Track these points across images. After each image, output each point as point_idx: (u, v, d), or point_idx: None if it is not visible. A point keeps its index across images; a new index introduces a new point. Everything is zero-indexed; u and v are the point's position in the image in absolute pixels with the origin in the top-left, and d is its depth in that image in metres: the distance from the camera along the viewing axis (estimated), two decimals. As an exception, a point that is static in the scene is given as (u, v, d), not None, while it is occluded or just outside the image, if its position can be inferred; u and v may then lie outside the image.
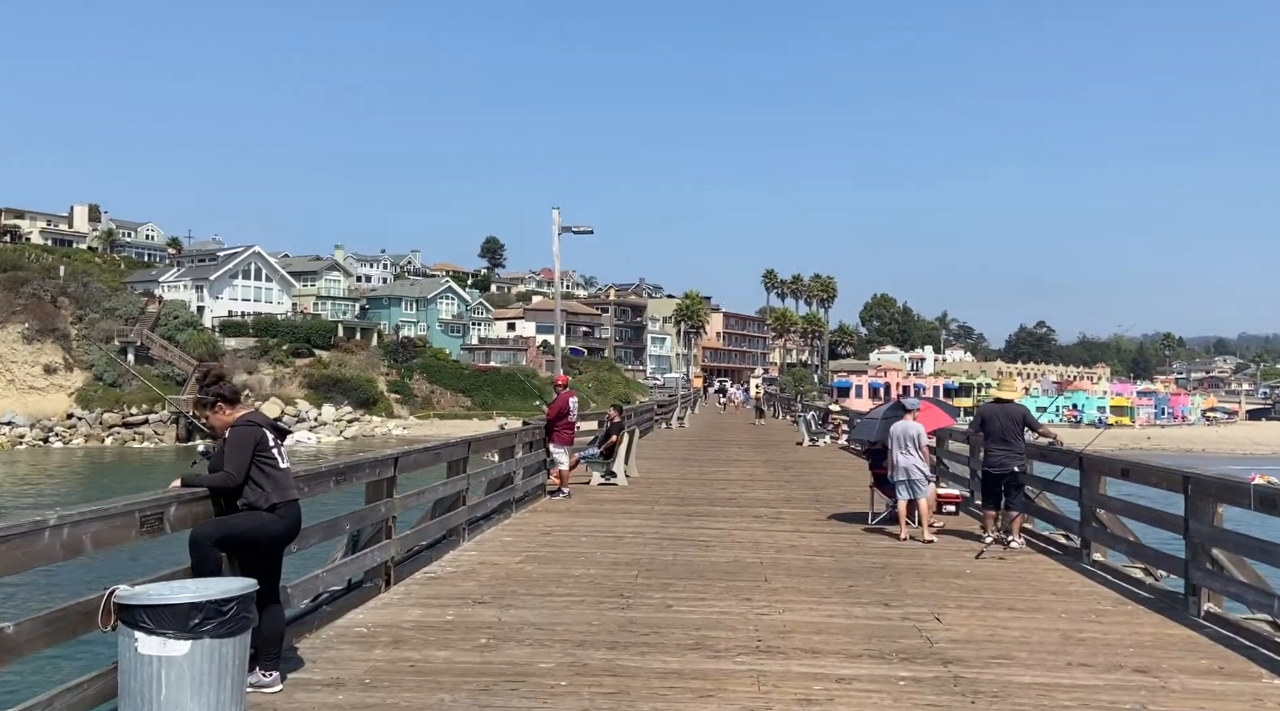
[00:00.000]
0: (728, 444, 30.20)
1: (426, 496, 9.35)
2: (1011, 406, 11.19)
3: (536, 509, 13.49)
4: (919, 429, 11.61)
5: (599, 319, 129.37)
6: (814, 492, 16.26)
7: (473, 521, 11.08)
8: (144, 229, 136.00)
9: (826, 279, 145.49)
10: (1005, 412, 11.12)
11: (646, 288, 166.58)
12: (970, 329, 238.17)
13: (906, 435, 11.54)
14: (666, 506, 14.10)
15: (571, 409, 14.88)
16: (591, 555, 9.83)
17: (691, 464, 22.05)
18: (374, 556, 7.69)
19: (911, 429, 11.59)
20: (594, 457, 17.08)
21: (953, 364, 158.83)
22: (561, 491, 14.87)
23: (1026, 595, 8.35)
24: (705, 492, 16.02)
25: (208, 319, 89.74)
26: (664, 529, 11.79)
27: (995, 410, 11.24)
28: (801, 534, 11.56)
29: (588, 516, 12.87)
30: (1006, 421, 11.06)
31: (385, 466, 7.88)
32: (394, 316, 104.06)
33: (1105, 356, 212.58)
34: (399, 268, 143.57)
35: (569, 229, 20.01)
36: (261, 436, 5.27)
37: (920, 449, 11.53)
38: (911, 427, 11.60)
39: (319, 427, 78.77)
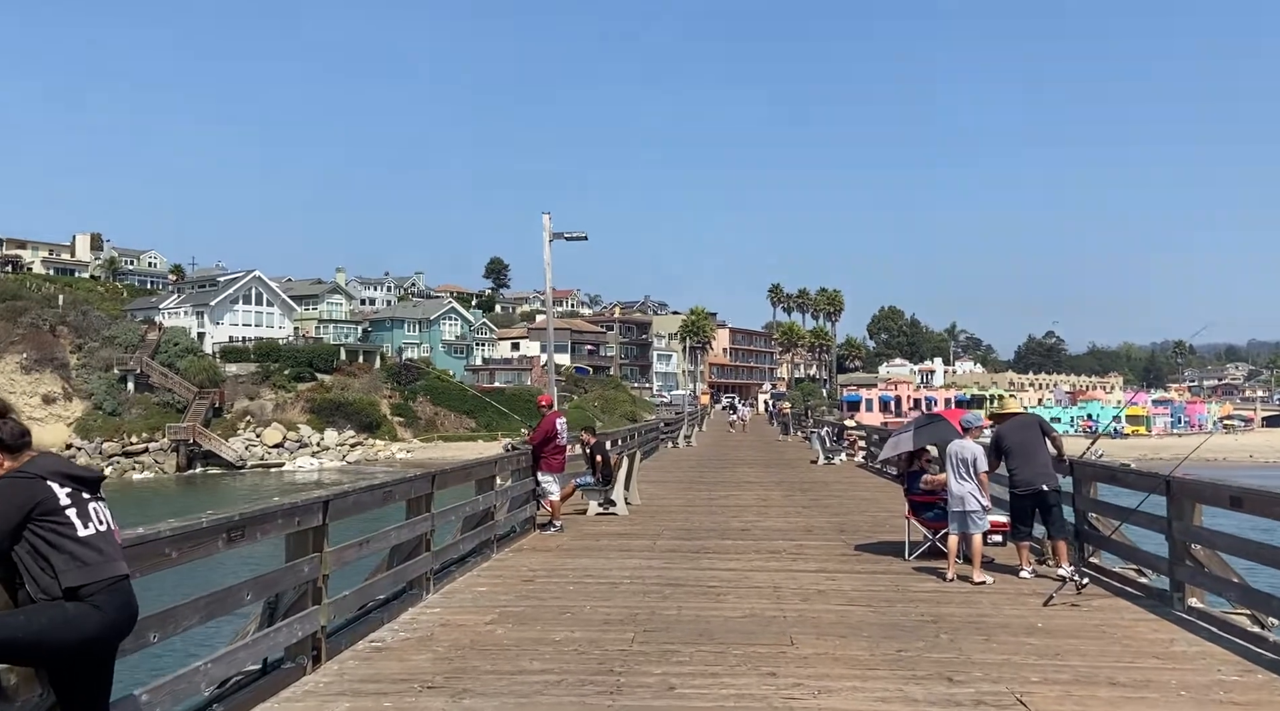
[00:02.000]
0: (738, 464, 28.48)
1: (376, 545, 7.67)
2: (1023, 417, 9.87)
3: (522, 547, 11.81)
4: (977, 450, 9.89)
5: (604, 337, 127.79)
6: (838, 520, 14.54)
7: (442, 569, 9.42)
8: (146, 257, 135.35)
9: (833, 292, 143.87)
10: (1021, 425, 9.80)
11: (652, 305, 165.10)
12: (978, 340, 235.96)
13: (962, 457, 9.83)
14: (671, 540, 12.42)
15: (560, 431, 13.21)
16: (579, 610, 8.15)
17: (699, 487, 20.35)
18: (294, 629, 6.03)
19: (969, 450, 9.87)
20: (590, 484, 15.40)
21: (963, 375, 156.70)
22: (553, 524, 13.20)
23: (1125, 659, 6.63)
24: (715, 522, 14.32)
25: (208, 345, 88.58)
26: (667, 570, 10.10)
27: (1008, 427, 9.93)
28: (830, 575, 9.86)
29: (580, 555, 11.19)
30: (1023, 434, 9.65)
31: (309, 513, 6.23)
32: (397, 339, 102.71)
33: (1116, 365, 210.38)
34: (403, 290, 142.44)
35: (561, 235, 18.45)
36: (44, 495, 3.59)
37: (978, 474, 9.83)
38: (969, 448, 9.88)
39: (321, 453, 77.39)
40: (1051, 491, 9.48)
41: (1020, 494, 9.70)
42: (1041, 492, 9.47)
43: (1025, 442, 9.60)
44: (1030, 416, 9.88)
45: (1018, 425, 9.77)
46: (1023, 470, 9.62)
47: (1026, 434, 9.64)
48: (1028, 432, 9.65)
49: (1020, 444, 9.64)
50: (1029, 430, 9.67)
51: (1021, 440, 9.64)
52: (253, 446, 76.17)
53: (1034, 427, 9.67)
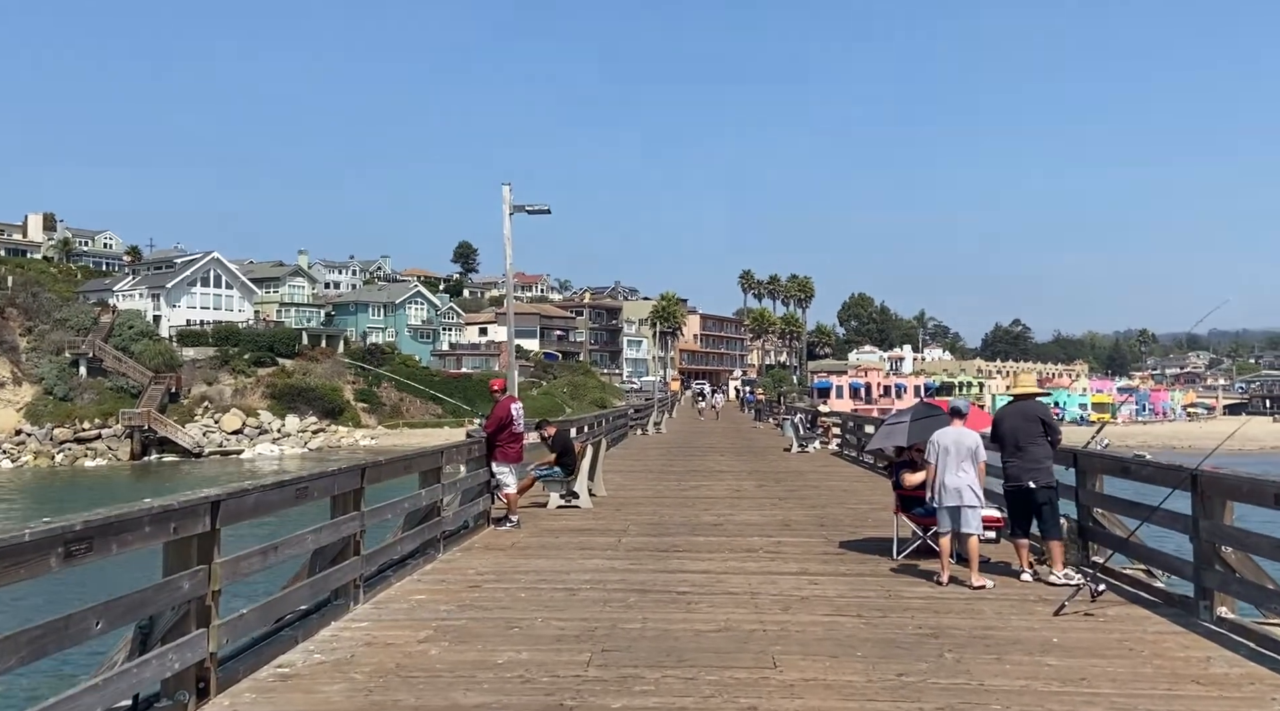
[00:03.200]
0: (709, 451, 27.51)
1: (289, 551, 6.53)
2: (1028, 405, 8.92)
3: (473, 546, 10.71)
4: (976, 440, 8.94)
5: (573, 322, 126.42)
6: (816, 513, 13.58)
7: (378, 573, 8.32)
8: (102, 237, 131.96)
9: (804, 279, 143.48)
10: (1020, 412, 8.87)
11: (622, 290, 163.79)
12: (946, 328, 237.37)
13: (961, 446, 8.86)
14: (638, 537, 11.38)
15: (515, 417, 12.09)
16: (529, 624, 7.08)
17: (669, 477, 19.33)
18: (169, 659, 4.90)
19: (967, 439, 8.90)
20: (552, 475, 14.31)
21: (932, 363, 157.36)
22: (509, 519, 12.11)
23: (1161, 685, 5.69)
24: (685, 516, 13.31)
25: (165, 328, 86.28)
26: (632, 573, 9.06)
27: (1007, 411, 9.04)
28: (812, 578, 8.86)
29: (536, 555, 10.11)
30: (1020, 422, 8.77)
31: (190, 518, 5.10)
32: (361, 323, 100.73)
33: (1081, 353, 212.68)
34: (368, 274, 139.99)
35: (522, 208, 17.28)
36: None
37: (976, 465, 8.90)
38: (967, 437, 8.92)
39: (282, 439, 75.67)
40: (1041, 488, 8.58)
41: (1009, 490, 8.86)
42: (1028, 490, 8.58)
43: (1018, 432, 8.71)
44: (1035, 405, 8.92)
45: (1017, 413, 8.85)
46: (1011, 462, 8.77)
47: (1022, 424, 8.73)
48: (1025, 423, 8.73)
49: (1012, 433, 8.75)
50: (1028, 421, 8.73)
51: (1014, 429, 8.75)
52: (211, 433, 74.20)
53: (1034, 420, 8.72)
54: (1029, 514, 8.67)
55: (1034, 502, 8.58)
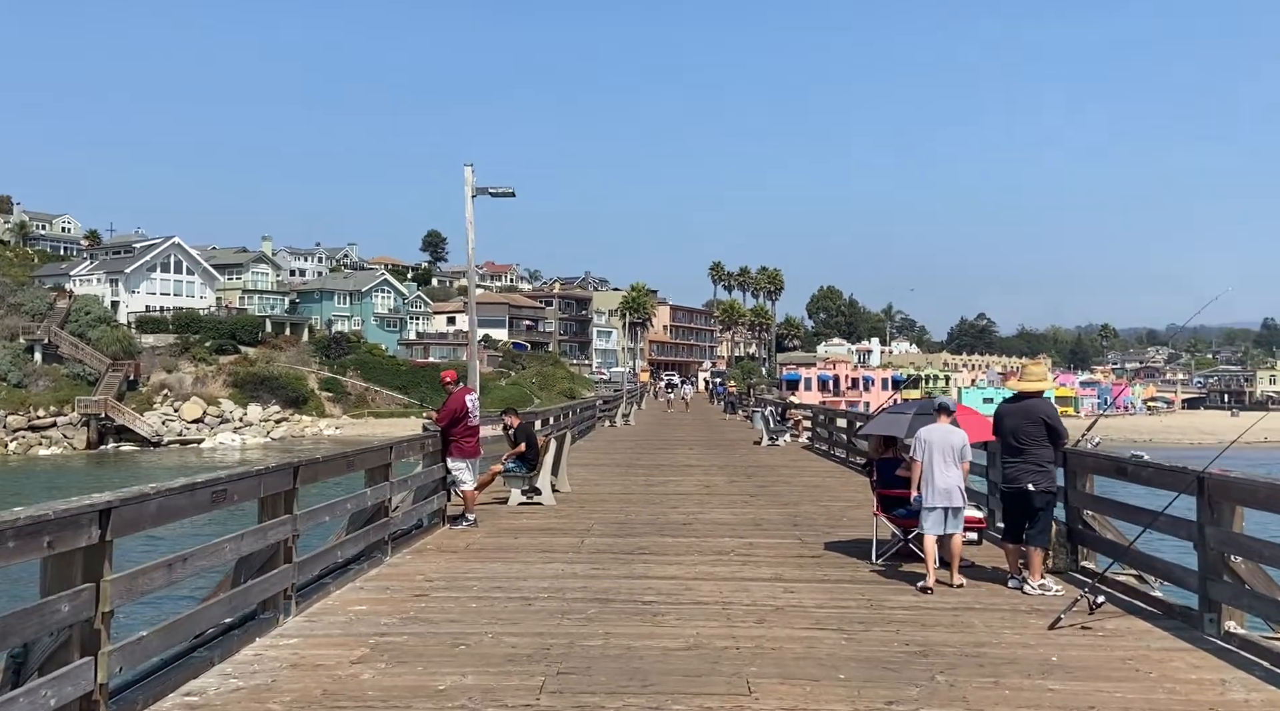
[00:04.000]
0: (678, 445, 26.91)
1: (201, 562, 5.76)
2: (1031, 403, 8.24)
3: (425, 547, 9.98)
4: (962, 438, 8.41)
5: (543, 312, 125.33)
6: (789, 511, 12.99)
7: (315, 580, 7.60)
8: (60, 221, 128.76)
9: (773, 271, 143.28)
10: (1023, 411, 8.22)
11: (593, 281, 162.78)
12: (913, 321, 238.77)
13: (948, 445, 8.34)
14: (602, 537, 10.72)
15: (470, 409, 11.35)
16: (478, 639, 6.40)
17: (637, 471, 18.69)
18: (43, 695, 4.16)
19: (955, 437, 8.40)
20: (514, 470, 13.61)
21: (899, 356, 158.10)
22: (465, 518, 11.39)
23: (1178, 714, 5.14)
24: (653, 513, 12.67)
25: (123, 314, 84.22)
26: (595, 579, 8.40)
27: (1008, 409, 8.39)
28: (787, 585, 8.25)
29: (492, 558, 9.41)
30: (1021, 422, 8.14)
31: (73, 530, 4.35)
32: (326, 311, 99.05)
33: (1044, 347, 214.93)
34: (335, 261, 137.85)
35: (485, 190, 16.49)
36: None
37: (961, 465, 8.37)
38: (955, 435, 8.41)
39: (244, 429, 74.13)
40: (1040, 492, 8.02)
41: (1005, 492, 8.29)
42: (1026, 493, 8.02)
43: (1019, 432, 8.11)
44: (1040, 404, 8.25)
45: (1019, 412, 8.22)
46: (1011, 464, 8.18)
47: (1024, 424, 8.11)
48: (1027, 423, 8.10)
49: (1013, 433, 8.15)
50: (1031, 423, 8.09)
51: (1015, 429, 8.15)
52: (170, 421, 72.53)
53: (1037, 421, 8.08)
54: (1023, 518, 8.12)
55: (1030, 507, 8.03)
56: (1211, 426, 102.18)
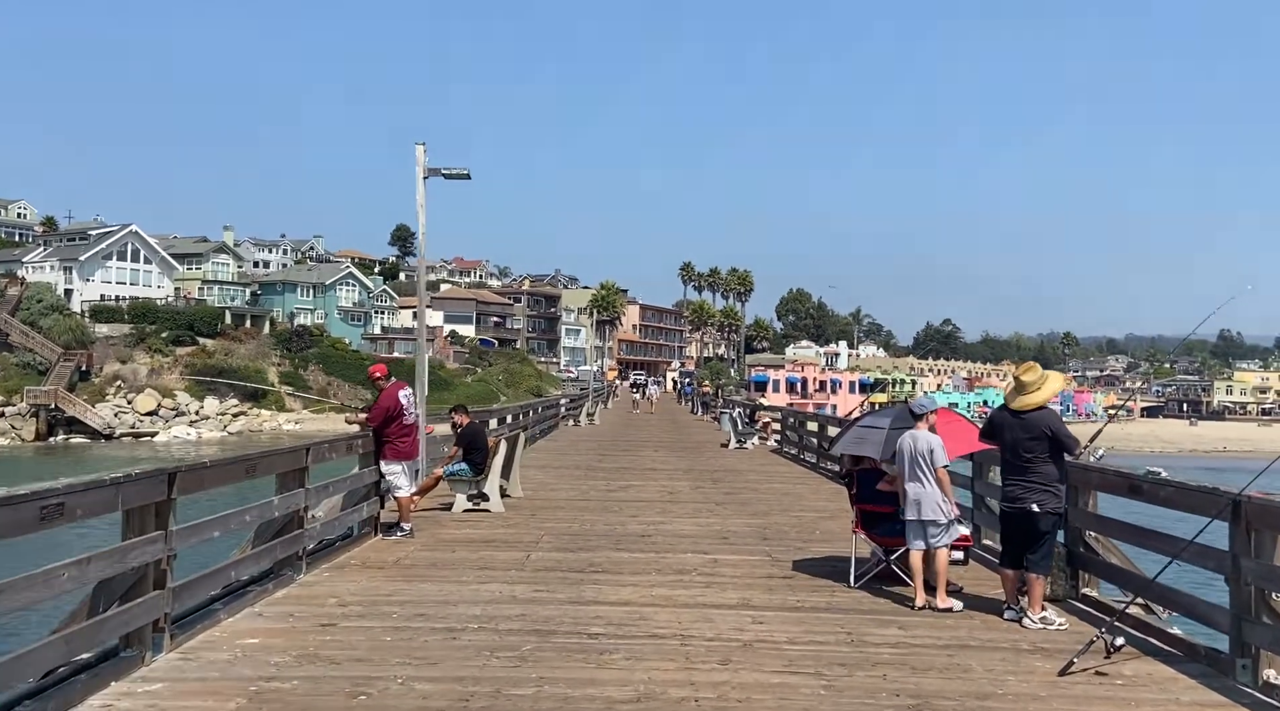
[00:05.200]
0: (642, 446, 25.85)
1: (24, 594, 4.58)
2: (1032, 416, 7.16)
3: (348, 562, 8.84)
4: (934, 443, 7.47)
5: (511, 309, 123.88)
6: (758, 523, 11.98)
7: (199, 609, 6.45)
8: (15, 207, 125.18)
9: (743, 272, 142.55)
10: (1021, 423, 7.17)
11: (563, 278, 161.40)
12: (880, 326, 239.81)
13: (917, 451, 7.44)
14: (550, 551, 9.64)
15: (404, 406, 10.18)
16: (384, 689, 5.29)
17: (597, 475, 17.61)
18: None
19: (923, 442, 7.47)
20: (459, 473, 12.48)
21: (866, 359, 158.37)
22: (400, 528, 10.26)
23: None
24: (609, 523, 11.60)
25: (76, 303, 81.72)
26: (536, 604, 7.32)
27: (1006, 420, 7.31)
28: (757, 614, 7.22)
29: (422, 576, 8.30)
30: (1020, 435, 7.12)
31: None
32: (289, 303, 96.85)
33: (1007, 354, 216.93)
34: (300, 254, 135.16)
35: (438, 171, 15.32)
36: None
37: (935, 472, 7.44)
38: (923, 440, 7.48)
39: (200, 422, 72.08)
40: (1046, 513, 7.06)
41: (1006, 512, 7.31)
42: (1029, 514, 7.06)
43: (1019, 447, 7.10)
44: (1042, 415, 7.16)
45: (1019, 424, 7.17)
46: (1012, 482, 7.20)
47: (1024, 437, 7.09)
48: (1028, 437, 7.07)
49: (1013, 446, 7.15)
50: (1032, 437, 7.06)
51: (1014, 443, 7.14)
52: (123, 413, 70.30)
53: (1040, 436, 7.04)
54: (1024, 542, 7.15)
55: (1035, 530, 7.06)
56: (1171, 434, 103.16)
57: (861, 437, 8.65)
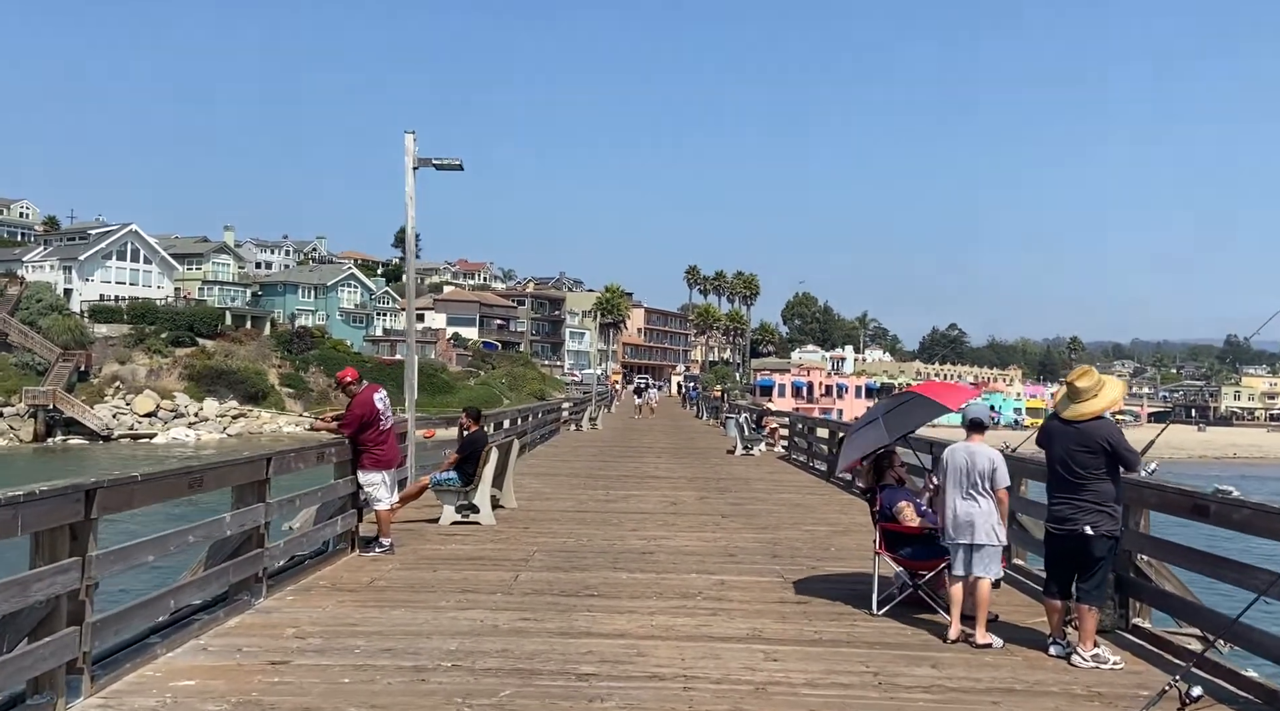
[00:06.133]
0: (645, 452, 25.01)
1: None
2: (1088, 426, 6.31)
3: (316, 584, 8.01)
4: (991, 459, 6.63)
5: (515, 312, 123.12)
6: (767, 538, 11.14)
7: (130, 644, 5.64)
8: (17, 206, 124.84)
9: (749, 276, 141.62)
10: (1075, 433, 6.30)
11: (567, 281, 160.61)
12: (885, 330, 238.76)
13: (973, 466, 6.59)
14: (541, 571, 8.81)
15: (380, 412, 9.35)
16: (331, 745, 4.48)
17: (597, 483, 16.77)
18: None
19: (984, 458, 6.63)
20: (446, 483, 11.65)
21: (873, 363, 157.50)
22: (379, 543, 9.44)
23: None
24: (608, 538, 10.77)
25: (76, 303, 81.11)
26: (521, 636, 6.49)
27: (1057, 429, 6.45)
28: (770, 648, 6.38)
29: (395, 601, 7.46)
30: (1073, 447, 6.26)
31: None
32: (290, 304, 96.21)
33: (1013, 359, 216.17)
34: (302, 255, 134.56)
35: (429, 161, 14.54)
36: None
37: (996, 492, 6.61)
38: (983, 456, 6.64)
39: (199, 424, 71.33)
40: (1100, 537, 6.21)
41: (1054, 534, 6.43)
42: (1082, 538, 6.23)
43: (1072, 461, 6.25)
44: (1099, 425, 6.29)
45: (1072, 434, 6.32)
46: (1061, 500, 6.34)
47: (1078, 450, 6.25)
48: (1082, 450, 6.24)
49: (1064, 460, 6.30)
50: (1089, 451, 6.22)
51: (1066, 456, 6.29)
52: (121, 415, 69.58)
53: (1097, 450, 6.20)
54: (1073, 567, 6.30)
55: (1088, 555, 6.22)
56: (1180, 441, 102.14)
57: (863, 439, 7.90)
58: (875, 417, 7.94)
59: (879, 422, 7.80)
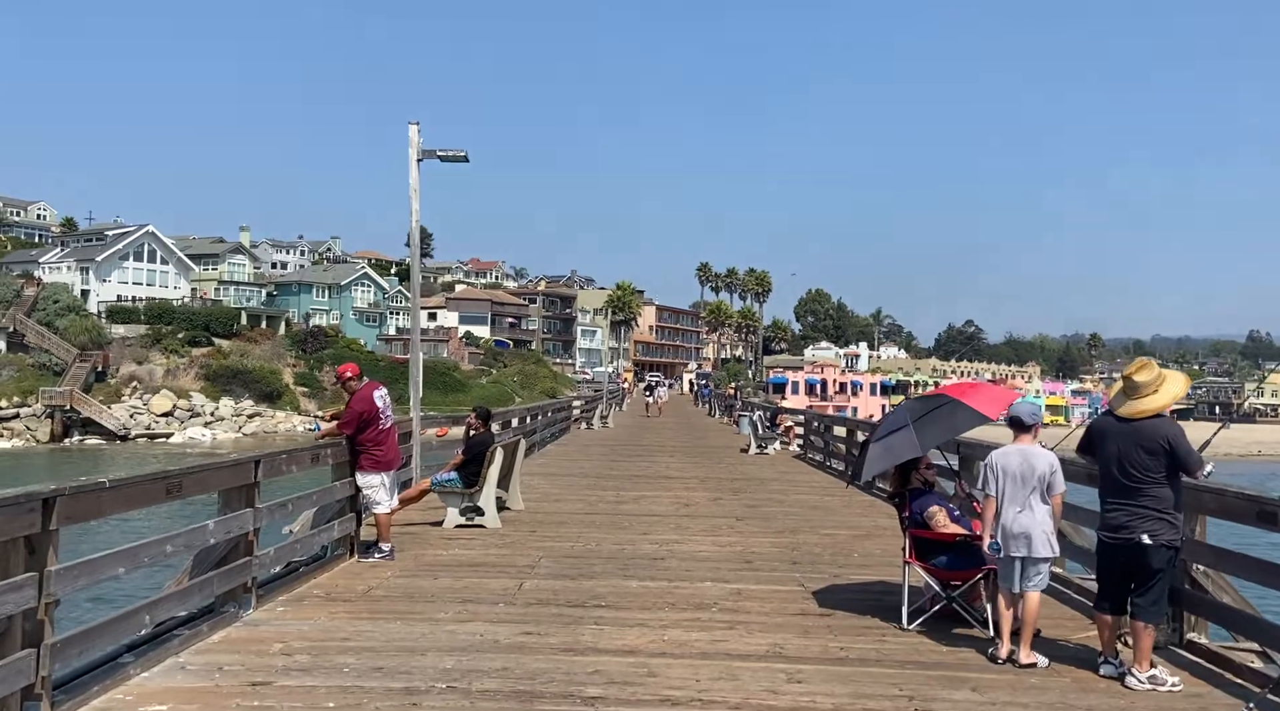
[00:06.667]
0: (657, 451, 24.53)
1: None
2: (1148, 425, 5.75)
3: (310, 593, 7.57)
4: (1048, 463, 6.11)
5: (527, 310, 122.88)
6: (785, 542, 10.64)
7: (99, 665, 5.21)
8: (35, 208, 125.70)
9: (761, 273, 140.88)
10: (1134, 432, 5.74)
11: (579, 279, 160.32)
12: (900, 326, 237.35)
13: (1029, 472, 6.07)
14: (547, 578, 8.35)
15: (381, 410, 8.94)
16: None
17: (607, 484, 16.31)
18: None
19: (1037, 462, 6.10)
20: (448, 484, 11.21)
21: (887, 360, 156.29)
22: (379, 548, 9.01)
23: None
24: (618, 542, 10.31)
25: (93, 303, 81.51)
26: (523, 652, 6.04)
27: (1111, 427, 5.89)
28: (791, 667, 5.89)
29: (391, 612, 7.02)
30: (1131, 448, 5.70)
31: None
32: (304, 304, 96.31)
33: (1031, 355, 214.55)
34: (317, 255, 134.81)
35: (434, 153, 14.11)
36: None
37: (1051, 499, 6.10)
38: (1037, 459, 6.11)
39: (215, 423, 71.47)
40: (1159, 547, 5.65)
41: (1109, 544, 5.87)
42: (1139, 547, 5.70)
43: (1127, 463, 5.70)
44: (1161, 425, 5.75)
45: (1129, 433, 5.76)
46: (1117, 506, 5.79)
47: (1135, 452, 5.70)
48: (1140, 451, 5.69)
49: (1120, 461, 5.75)
50: (1148, 452, 5.67)
51: (1123, 457, 5.73)
52: (138, 414, 69.77)
53: (1157, 450, 5.65)
54: (1128, 581, 5.78)
55: (1145, 567, 5.69)
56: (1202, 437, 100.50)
57: (889, 447, 7.23)
58: (904, 423, 7.29)
59: (908, 429, 7.17)
